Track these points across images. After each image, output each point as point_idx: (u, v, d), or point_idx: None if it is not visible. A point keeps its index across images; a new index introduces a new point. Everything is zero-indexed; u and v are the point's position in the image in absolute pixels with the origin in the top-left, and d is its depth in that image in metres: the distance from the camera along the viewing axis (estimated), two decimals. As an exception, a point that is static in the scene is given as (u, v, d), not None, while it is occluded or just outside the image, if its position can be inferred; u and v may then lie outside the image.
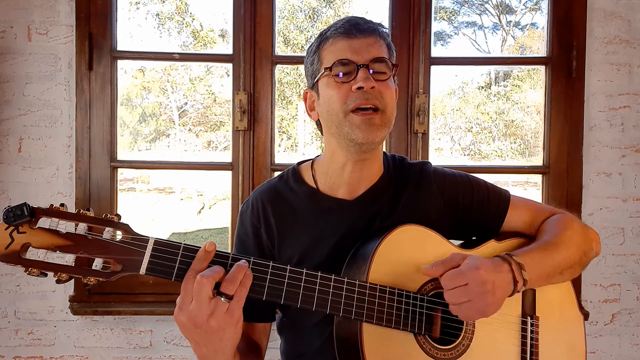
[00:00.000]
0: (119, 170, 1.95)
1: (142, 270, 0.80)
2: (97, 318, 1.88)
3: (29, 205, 0.75)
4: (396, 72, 1.04)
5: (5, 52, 1.85)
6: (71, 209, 0.75)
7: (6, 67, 1.86)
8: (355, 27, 0.99)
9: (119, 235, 0.80)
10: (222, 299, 0.78)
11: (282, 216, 1.08)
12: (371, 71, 0.98)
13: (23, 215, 0.74)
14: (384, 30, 1.04)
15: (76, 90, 1.86)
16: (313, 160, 1.14)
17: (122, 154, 1.93)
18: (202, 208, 10.93)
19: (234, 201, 1.92)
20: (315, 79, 1.03)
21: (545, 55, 1.95)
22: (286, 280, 0.86)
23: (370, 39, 1.00)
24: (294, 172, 1.14)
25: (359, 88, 0.96)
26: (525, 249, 1.00)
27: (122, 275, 0.79)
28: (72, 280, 1.83)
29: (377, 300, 0.91)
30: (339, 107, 0.98)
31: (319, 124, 1.10)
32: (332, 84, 0.99)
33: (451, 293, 0.89)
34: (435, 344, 0.95)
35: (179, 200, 11.57)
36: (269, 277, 0.85)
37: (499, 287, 0.90)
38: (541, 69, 1.99)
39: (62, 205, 0.78)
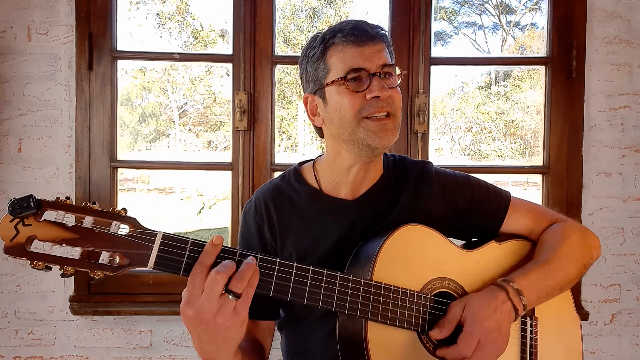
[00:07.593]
0: (119, 170, 1.95)
1: (150, 265, 0.78)
2: (97, 318, 1.88)
3: (35, 197, 0.73)
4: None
5: (5, 52, 1.86)
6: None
7: (6, 67, 1.86)
8: (364, 34, 0.99)
9: (125, 229, 0.78)
10: (230, 296, 0.78)
11: (284, 214, 1.09)
12: (386, 77, 1.00)
13: (29, 208, 0.72)
14: (387, 34, 1.04)
15: (76, 90, 1.86)
16: (314, 161, 1.15)
17: (122, 154, 1.94)
18: (202, 208, 10.93)
19: (234, 201, 1.92)
20: (321, 86, 1.03)
21: (545, 55, 1.95)
22: (293, 277, 0.86)
23: (379, 45, 1.00)
24: (295, 172, 1.15)
25: (375, 97, 0.97)
26: (522, 271, 1.01)
27: (130, 269, 0.78)
28: (73, 281, 1.85)
29: (381, 299, 0.91)
30: (352, 114, 0.98)
31: (318, 127, 1.11)
32: (344, 92, 0.99)
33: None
34: (438, 343, 0.95)
35: (179, 200, 11.57)
36: (275, 273, 0.85)
37: (503, 323, 0.93)
38: (541, 69, 1.99)
39: (67, 198, 0.76)
